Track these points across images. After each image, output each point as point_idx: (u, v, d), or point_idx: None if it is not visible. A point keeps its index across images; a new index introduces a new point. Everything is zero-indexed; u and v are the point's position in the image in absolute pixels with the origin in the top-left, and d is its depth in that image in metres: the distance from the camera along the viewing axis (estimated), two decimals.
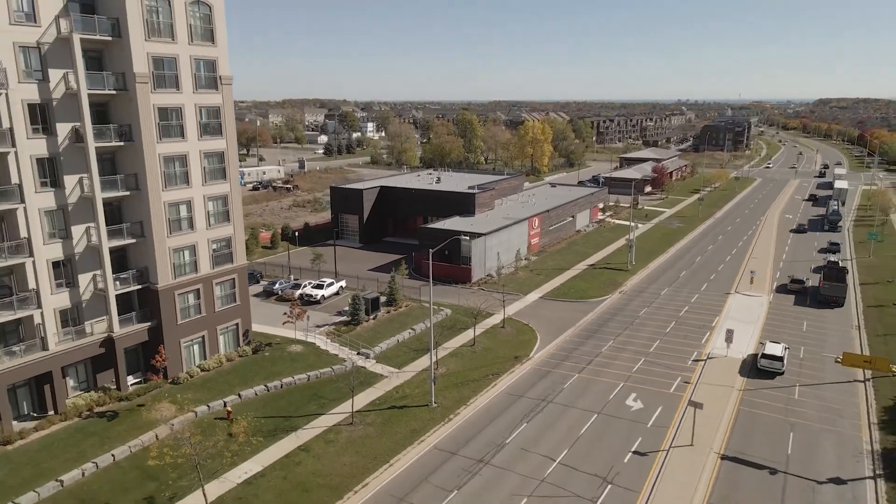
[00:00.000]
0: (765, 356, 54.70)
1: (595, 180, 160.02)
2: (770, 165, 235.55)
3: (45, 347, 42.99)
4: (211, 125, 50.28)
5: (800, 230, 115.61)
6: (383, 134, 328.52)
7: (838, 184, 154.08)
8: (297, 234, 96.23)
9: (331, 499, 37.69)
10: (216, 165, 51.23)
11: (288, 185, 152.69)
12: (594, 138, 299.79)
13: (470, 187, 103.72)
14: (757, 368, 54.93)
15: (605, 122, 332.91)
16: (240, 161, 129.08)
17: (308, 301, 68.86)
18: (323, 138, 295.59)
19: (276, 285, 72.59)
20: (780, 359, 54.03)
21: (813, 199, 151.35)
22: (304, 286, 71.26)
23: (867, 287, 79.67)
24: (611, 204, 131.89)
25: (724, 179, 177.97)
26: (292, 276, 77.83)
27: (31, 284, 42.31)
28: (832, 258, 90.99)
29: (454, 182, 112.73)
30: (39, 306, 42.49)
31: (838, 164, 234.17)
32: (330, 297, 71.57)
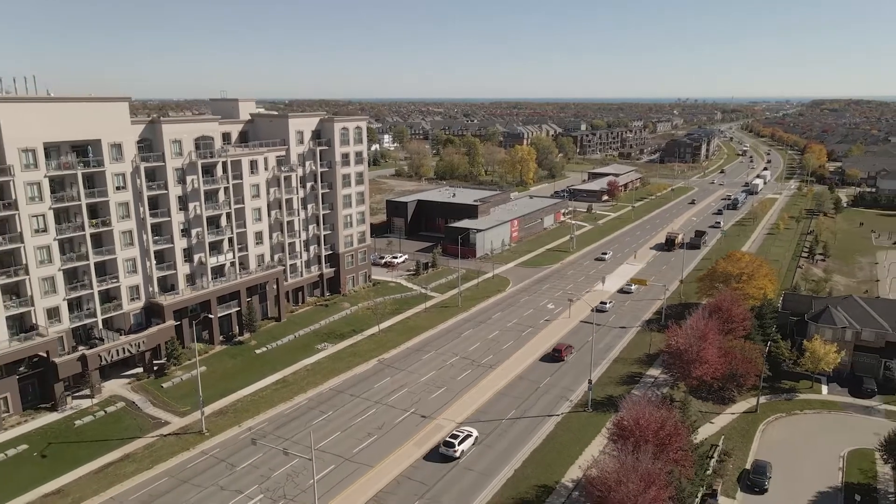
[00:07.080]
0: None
1: (567, 191, 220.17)
2: (715, 182, 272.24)
3: (301, 275, 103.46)
4: (358, 179, 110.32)
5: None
6: (398, 145, 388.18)
7: (755, 181, 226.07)
8: None
9: (422, 331, 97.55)
10: (360, 198, 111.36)
11: None
12: (577, 151, 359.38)
13: (475, 200, 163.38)
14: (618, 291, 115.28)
15: (587, 136, 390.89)
16: None
17: (391, 264, 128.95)
18: None
19: (370, 258, 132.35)
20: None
21: (728, 198, 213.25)
22: (386, 257, 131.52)
23: (706, 261, 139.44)
24: (570, 210, 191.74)
25: (663, 189, 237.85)
26: (376, 252, 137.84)
27: (298, 249, 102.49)
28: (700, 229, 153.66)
29: (464, 196, 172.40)
30: (300, 258, 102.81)
31: (765, 168, 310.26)
32: (400, 263, 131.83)
